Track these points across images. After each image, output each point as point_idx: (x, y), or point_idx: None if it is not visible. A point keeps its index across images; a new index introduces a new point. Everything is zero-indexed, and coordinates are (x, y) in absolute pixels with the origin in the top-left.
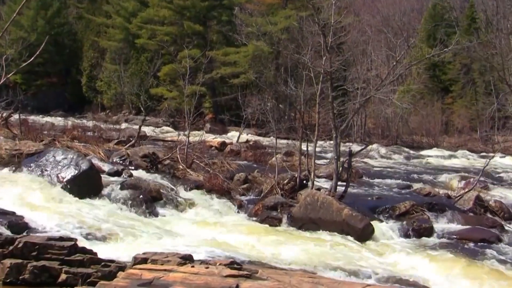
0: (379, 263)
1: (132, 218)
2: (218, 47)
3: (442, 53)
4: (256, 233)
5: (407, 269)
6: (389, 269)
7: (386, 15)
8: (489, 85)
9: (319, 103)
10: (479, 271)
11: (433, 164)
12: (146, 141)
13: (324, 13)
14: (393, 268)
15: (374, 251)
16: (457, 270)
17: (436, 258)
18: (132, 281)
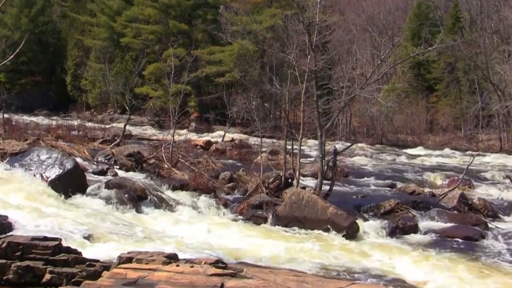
0: (364, 261)
1: (117, 217)
2: (203, 46)
3: (426, 52)
4: (241, 231)
5: (392, 267)
6: (374, 267)
7: (371, 14)
8: (473, 84)
9: (304, 102)
10: (463, 268)
11: (417, 163)
12: (131, 140)
13: (309, 12)
14: (378, 266)
15: (359, 249)
16: (442, 268)
17: (421, 256)
18: (117, 280)
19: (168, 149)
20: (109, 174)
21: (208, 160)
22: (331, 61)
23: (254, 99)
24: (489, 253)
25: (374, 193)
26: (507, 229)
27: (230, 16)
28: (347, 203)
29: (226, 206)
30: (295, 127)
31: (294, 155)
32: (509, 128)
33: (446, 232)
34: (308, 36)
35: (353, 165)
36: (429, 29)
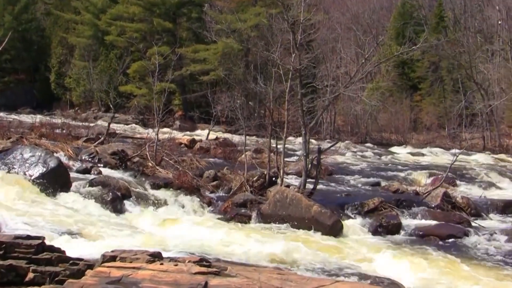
0: (348, 260)
1: (101, 215)
2: (187, 44)
3: (410, 51)
4: (225, 230)
5: (376, 265)
6: (358, 265)
7: (355, 12)
8: (457, 83)
9: (288, 100)
10: (446, 266)
11: (401, 161)
12: (115, 139)
13: (294, 11)
14: (362, 264)
15: (343, 247)
16: (425, 266)
17: (404, 254)
18: (100, 279)
19: (152, 147)
20: (93, 172)
21: (192, 159)
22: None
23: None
24: (472, 251)
25: (358, 191)
26: (490, 227)
27: (214, 14)
28: (331, 201)
29: (210, 204)
30: (280, 125)
31: (279, 154)
32: (492, 127)
33: (429, 230)
34: (292, 35)
35: (337, 164)
36: (413, 28)
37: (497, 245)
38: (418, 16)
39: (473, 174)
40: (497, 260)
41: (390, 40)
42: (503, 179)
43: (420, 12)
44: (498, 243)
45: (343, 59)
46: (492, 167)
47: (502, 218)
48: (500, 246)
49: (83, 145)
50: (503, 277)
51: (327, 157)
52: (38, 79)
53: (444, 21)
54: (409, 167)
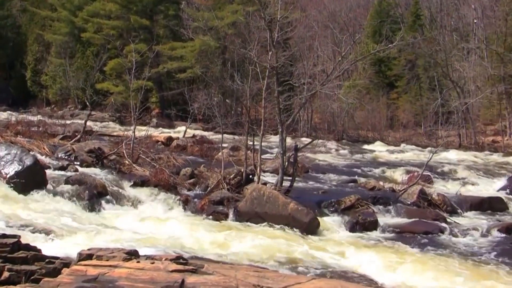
0: (324, 257)
1: (77, 213)
2: (164, 41)
3: (387, 49)
4: (202, 227)
5: (353, 262)
6: (335, 262)
7: (332, 10)
8: (433, 81)
9: (265, 98)
10: (422, 263)
11: (378, 159)
12: (92, 136)
13: (271, 9)
14: (339, 262)
15: (319, 244)
16: (402, 262)
17: (381, 250)
18: (76, 277)
19: (129, 145)
20: (70, 170)
21: (169, 156)
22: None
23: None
24: (448, 247)
25: (335, 188)
26: (465, 223)
27: (191, 11)
28: (308, 199)
29: (187, 202)
30: (257, 123)
31: (255, 151)
32: (467, 124)
33: (405, 227)
34: (269, 33)
35: (314, 161)
36: (389, 26)
37: (471, 241)
38: (394, 14)
39: (449, 172)
40: (471, 256)
41: (367, 38)
42: (478, 176)
43: (397, 10)
44: (473, 240)
45: (320, 57)
46: (468, 164)
47: (477, 215)
48: (475, 242)
49: (59, 143)
50: (478, 272)
51: (304, 155)
52: (14, 76)
53: (421, 19)
54: (385, 164)
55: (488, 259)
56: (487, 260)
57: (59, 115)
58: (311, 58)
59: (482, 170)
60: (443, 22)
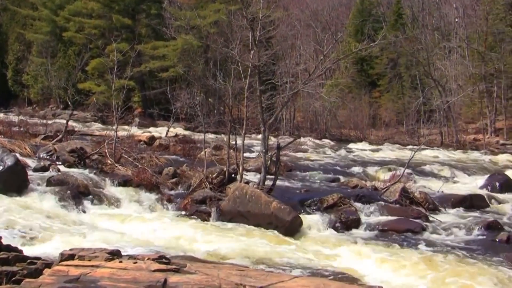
0: (307, 255)
1: (59, 214)
2: (146, 40)
3: (369, 48)
4: (185, 227)
5: (335, 261)
6: (317, 261)
7: (314, 9)
8: (415, 80)
9: (247, 97)
10: (405, 260)
11: (360, 157)
12: (74, 136)
13: (253, 7)
14: (321, 260)
15: (302, 243)
16: (384, 260)
17: (364, 249)
18: (58, 278)
19: (111, 144)
20: (51, 170)
21: (152, 156)
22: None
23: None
24: (429, 245)
25: (317, 187)
26: (447, 221)
27: (174, 11)
28: (290, 197)
29: (170, 201)
30: (239, 122)
31: (238, 150)
32: (449, 123)
33: (388, 225)
34: (251, 32)
35: (297, 160)
36: (372, 25)
37: (453, 239)
38: (376, 13)
39: (431, 170)
40: (453, 253)
41: (349, 37)
42: (460, 174)
43: (379, 9)
44: (455, 237)
45: (302, 56)
46: (449, 162)
47: (458, 212)
48: (456, 239)
49: (41, 143)
50: (460, 269)
51: (287, 154)
52: None
53: (403, 18)
54: (368, 163)
55: (470, 256)
56: (469, 257)
57: (40, 115)
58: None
59: (463, 168)
60: (424, 21)
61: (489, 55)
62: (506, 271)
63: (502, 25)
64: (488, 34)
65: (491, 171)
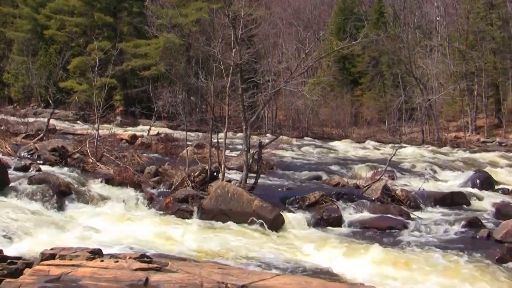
0: (289, 253)
1: (40, 213)
2: (128, 39)
3: (351, 46)
4: (167, 225)
5: (317, 258)
6: (299, 259)
7: (296, 8)
8: (396, 78)
9: (229, 95)
10: (386, 258)
11: (342, 155)
12: (55, 135)
13: (235, 6)
14: (303, 258)
15: (284, 241)
16: (365, 258)
17: (345, 246)
18: (39, 277)
19: (93, 143)
20: (32, 169)
21: (134, 154)
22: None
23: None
24: (411, 242)
25: (299, 185)
26: (428, 218)
27: (156, 9)
28: (272, 195)
29: (152, 200)
30: (221, 120)
31: (220, 149)
32: (430, 121)
33: (369, 223)
34: (233, 30)
35: (279, 158)
36: (353, 23)
37: (434, 236)
38: (358, 12)
39: (412, 168)
40: (434, 250)
41: (331, 36)
42: (441, 172)
43: (361, 7)
44: (436, 234)
45: (284, 54)
46: (431, 160)
47: (440, 209)
48: (437, 236)
49: (22, 142)
50: (441, 266)
51: (269, 152)
52: None
53: (384, 16)
54: (349, 161)
55: (451, 253)
56: (450, 254)
57: (21, 114)
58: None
59: (444, 166)
60: (406, 20)
61: (470, 54)
62: (486, 267)
63: (483, 24)
64: (469, 33)
65: (472, 169)
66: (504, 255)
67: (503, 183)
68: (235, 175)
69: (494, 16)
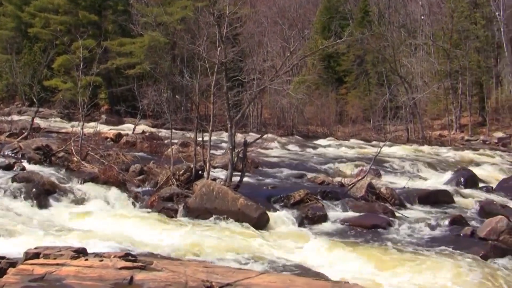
0: (274, 252)
1: (25, 212)
2: (113, 37)
3: (336, 45)
4: (151, 224)
5: (302, 257)
6: (284, 257)
7: (282, 6)
8: (381, 76)
9: (214, 94)
10: (371, 255)
11: (327, 153)
12: (40, 133)
13: (220, 4)
14: (288, 256)
15: (269, 239)
16: (350, 256)
17: (330, 244)
18: (23, 277)
19: (77, 142)
20: (16, 168)
21: (118, 153)
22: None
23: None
24: (395, 240)
25: (284, 183)
26: (412, 216)
27: (141, 7)
28: (257, 194)
29: (137, 199)
30: (206, 119)
31: (205, 147)
32: (415, 119)
33: (354, 221)
34: (218, 28)
35: (264, 157)
36: (338, 22)
37: (418, 234)
38: (343, 10)
39: (397, 166)
40: (418, 248)
41: (316, 34)
42: (426, 170)
43: (346, 6)
44: (420, 232)
45: (269, 53)
46: (415, 158)
47: (424, 207)
48: (422, 234)
49: (6, 141)
50: (424, 263)
51: (254, 150)
52: None
53: (369, 15)
54: (334, 159)
55: (435, 251)
56: (434, 252)
57: (5, 112)
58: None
59: (429, 164)
60: (391, 18)
61: (454, 52)
62: (470, 265)
63: (467, 23)
64: (453, 32)
65: (456, 167)
66: (488, 253)
67: (487, 181)
68: (220, 173)
69: (478, 15)
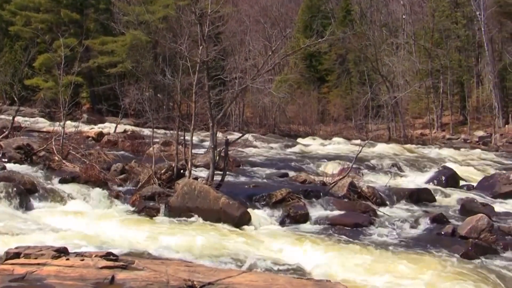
0: (255, 251)
1: (5, 212)
2: (95, 35)
3: (317, 43)
4: (133, 223)
5: (284, 255)
6: (266, 256)
7: (264, 5)
8: (363, 75)
9: (196, 93)
10: (352, 254)
11: (309, 152)
12: (21, 132)
13: (202, 3)
14: (270, 255)
15: (251, 238)
16: (332, 254)
17: (312, 243)
18: (3, 277)
19: (58, 141)
20: None
21: (100, 152)
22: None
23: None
24: (377, 238)
25: (266, 182)
26: (394, 215)
27: (122, 6)
28: (239, 193)
29: (118, 198)
30: (188, 118)
31: (187, 146)
32: (397, 118)
33: (336, 219)
34: (200, 27)
35: (246, 155)
36: (320, 21)
37: (400, 232)
38: (325, 10)
39: (378, 164)
40: (400, 246)
41: (298, 33)
42: (407, 168)
43: (328, 5)
44: (402, 230)
45: (251, 52)
46: (397, 157)
47: (406, 206)
48: (403, 233)
49: None
50: (406, 262)
51: (235, 149)
52: None
53: (351, 14)
54: (316, 158)
55: (416, 249)
56: (415, 250)
57: None
58: (242, 52)
59: (410, 163)
60: (373, 18)
61: (435, 52)
62: (451, 263)
63: (448, 22)
64: (435, 31)
65: (437, 166)
66: (469, 251)
67: (468, 179)
68: (202, 172)
69: (459, 15)
